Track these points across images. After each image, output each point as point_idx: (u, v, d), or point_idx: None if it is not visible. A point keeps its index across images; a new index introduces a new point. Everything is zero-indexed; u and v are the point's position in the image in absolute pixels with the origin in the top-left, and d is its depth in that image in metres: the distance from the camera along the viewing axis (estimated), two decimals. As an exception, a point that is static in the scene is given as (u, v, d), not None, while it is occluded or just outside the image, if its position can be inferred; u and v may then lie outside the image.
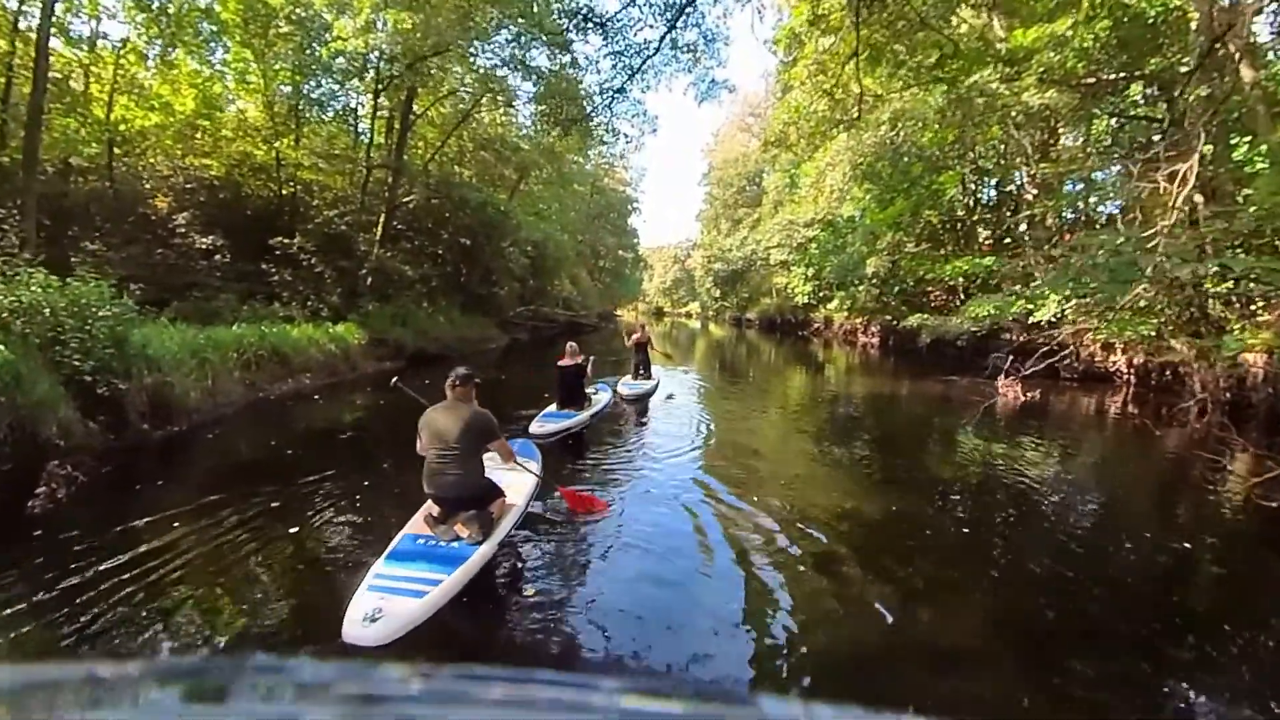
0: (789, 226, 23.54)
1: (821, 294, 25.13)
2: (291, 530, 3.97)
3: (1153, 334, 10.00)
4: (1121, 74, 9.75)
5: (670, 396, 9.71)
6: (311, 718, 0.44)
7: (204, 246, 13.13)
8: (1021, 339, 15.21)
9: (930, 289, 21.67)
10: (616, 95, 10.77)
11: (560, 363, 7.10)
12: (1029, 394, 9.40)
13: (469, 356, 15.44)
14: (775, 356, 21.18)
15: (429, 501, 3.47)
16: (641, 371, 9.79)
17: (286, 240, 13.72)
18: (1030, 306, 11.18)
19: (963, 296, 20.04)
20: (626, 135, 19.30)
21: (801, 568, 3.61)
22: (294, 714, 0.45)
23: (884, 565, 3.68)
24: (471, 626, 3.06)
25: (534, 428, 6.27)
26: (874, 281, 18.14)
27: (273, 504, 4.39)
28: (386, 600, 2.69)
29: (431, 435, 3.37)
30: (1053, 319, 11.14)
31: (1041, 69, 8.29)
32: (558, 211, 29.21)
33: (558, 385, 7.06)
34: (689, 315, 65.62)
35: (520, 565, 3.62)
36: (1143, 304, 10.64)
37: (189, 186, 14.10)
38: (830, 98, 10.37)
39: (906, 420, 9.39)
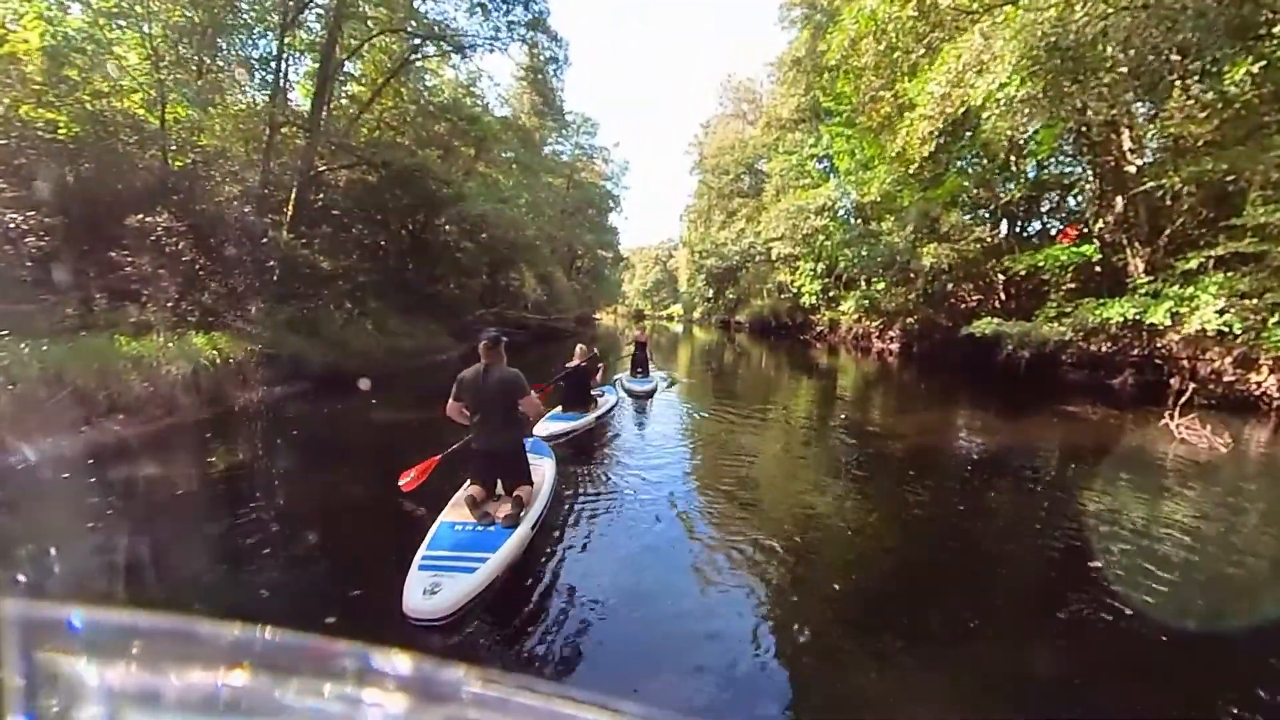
0: (798, 213, 20.33)
1: (830, 294, 22.13)
2: None
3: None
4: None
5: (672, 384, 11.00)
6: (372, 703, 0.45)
7: (19, 227, 9.31)
8: (1105, 349, 12.40)
9: (961, 288, 19.01)
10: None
11: (569, 364, 7.12)
12: (1219, 436, 6.36)
13: (408, 374, 11.88)
14: (781, 366, 18.15)
15: (468, 483, 3.67)
16: (640, 370, 10.06)
17: (147, 219, 10.05)
18: (1182, 310, 8.23)
19: (1003, 296, 17.40)
20: None
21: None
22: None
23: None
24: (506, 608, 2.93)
25: (540, 429, 6.03)
26: (928, 276, 15.13)
27: None
28: (440, 577, 2.74)
29: (469, 394, 3.55)
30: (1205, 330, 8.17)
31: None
32: (530, 205, 25.56)
33: (565, 386, 7.06)
34: (670, 318, 62.92)
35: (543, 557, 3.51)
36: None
37: (19, 145, 10.26)
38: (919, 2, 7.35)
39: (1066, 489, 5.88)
